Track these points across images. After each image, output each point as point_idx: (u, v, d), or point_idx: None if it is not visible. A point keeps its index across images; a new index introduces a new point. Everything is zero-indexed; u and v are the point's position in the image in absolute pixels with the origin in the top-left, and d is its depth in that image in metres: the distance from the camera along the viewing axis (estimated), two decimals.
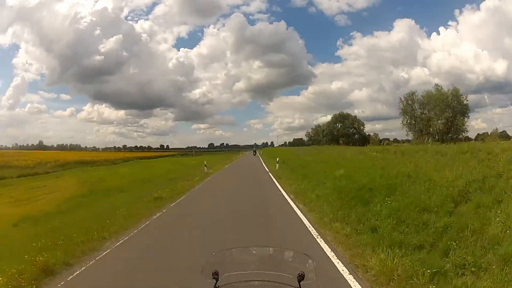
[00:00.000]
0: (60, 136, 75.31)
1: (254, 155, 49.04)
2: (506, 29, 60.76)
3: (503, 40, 64.34)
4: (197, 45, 77.44)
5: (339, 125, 57.04)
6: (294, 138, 72.61)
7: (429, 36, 68.58)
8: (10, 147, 53.00)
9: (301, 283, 1.50)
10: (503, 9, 54.63)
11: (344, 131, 56.35)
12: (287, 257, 1.83)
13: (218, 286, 1.52)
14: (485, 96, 59.75)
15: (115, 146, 65.67)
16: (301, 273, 1.51)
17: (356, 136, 55.84)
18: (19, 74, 59.03)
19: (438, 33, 66.97)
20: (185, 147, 73.87)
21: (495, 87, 62.40)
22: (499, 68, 54.37)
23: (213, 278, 1.52)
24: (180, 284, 3.90)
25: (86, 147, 64.46)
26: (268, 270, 1.65)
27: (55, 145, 58.57)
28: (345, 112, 57.94)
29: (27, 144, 55.62)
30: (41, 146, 55.31)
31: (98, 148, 63.68)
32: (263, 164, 27.72)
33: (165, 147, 73.03)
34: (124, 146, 66.14)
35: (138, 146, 69.48)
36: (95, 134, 71.71)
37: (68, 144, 60.16)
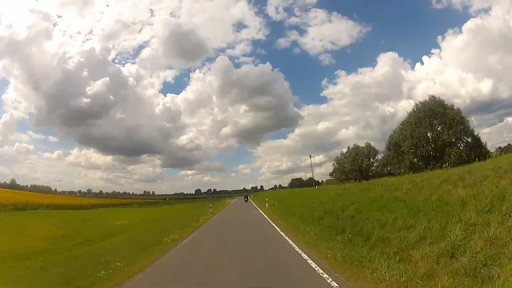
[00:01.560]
0: (49, 178, 74.78)
1: (246, 201, 41.55)
2: (490, 47, 62.32)
3: (487, 59, 66.53)
4: (183, 90, 75.92)
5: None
6: (292, 178, 70.86)
7: (413, 67, 68.87)
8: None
9: None
10: (486, 27, 56.37)
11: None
12: None
13: None
14: (472, 119, 61.21)
15: (102, 192, 65.00)
16: None
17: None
18: (8, 111, 59.98)
19: (422, 63, 67.04)
20: (172, 193, 71.90)
21: (482, 107, 63.19)
22: (485, 87, 54.30)
23: None
24: None
25: (71, 191, 63.77)
26: None
27: (28, 186, 57.72)
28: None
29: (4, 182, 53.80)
30: (13, 185, 53.58)
31: (86, 193, 61.18)
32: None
33: (150, 193, 71.09)
34: (113, 192, 65.33)
35: (125, 192, 67.22)
36: (83, 179, 70.28)
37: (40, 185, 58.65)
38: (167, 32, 63.77)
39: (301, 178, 66.57)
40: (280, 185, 70.80)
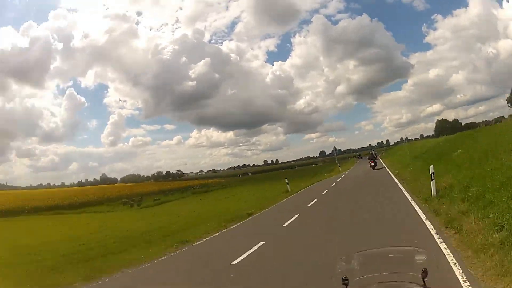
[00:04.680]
0: (172, 164, 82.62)
1: (374, 166, 25.04)
2: None
3: None
4: (289, 56, 75.80)
5: None
6: (437, 120, 57.59)
7: (500, 4, 57.97)
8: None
9: (425, 279, 1.57)
10: None
11: None
12: (409, 254, 1.89)
13: None
14: None
15: (232, 167, 66.67)
16: (425, 269, 1.59)
17: None
18: (115, 111, 58.18)
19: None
20: (298, 158, 73.82)
21: None
22: None
23: (343, 284, 1.65)
24: None
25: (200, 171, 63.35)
26: (393, 271, 1.77)
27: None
28: None
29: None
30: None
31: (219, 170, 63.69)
32: None
33: (274, 162, 73.02)
34: (240, 166, 66.25)
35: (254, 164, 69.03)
36: (208, 158, 75.83)
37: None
38: (253, 1, 64.26)
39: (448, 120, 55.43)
40: (421, 135, 66.48)
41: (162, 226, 14.69)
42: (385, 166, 26.71)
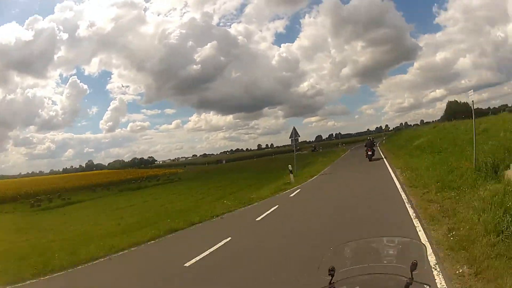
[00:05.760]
0: (169, 148, 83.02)
1: (371, 156, 19.24)
2: None
3: None
4: (297, 38, 74.13)
5: None
6: (449, 101, 54.03)
7: None
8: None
9: (413, 272, 1.52)
10: None
11: None
12: (399, 245, 1.88)
13: (333, 282, 1.58)
14: None
15: (225, 151, 63.49)
16: (414, 262, 1.54)
17: None
18: (116, 97, 60.05)
19: None
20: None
21: None
22: None
23: (329, 274, 1.59)
24: None
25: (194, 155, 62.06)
26: (382, 262, 1.71)
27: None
28: None
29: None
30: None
31: (211, 154, 61.76)
32: None
33: (269, 146, 72.04)
34: (233, 150, 63.29)
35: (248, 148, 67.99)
36: (205, 142, 76.46)
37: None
38: None
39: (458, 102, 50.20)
40: (422, 121, 65.26)
41: None
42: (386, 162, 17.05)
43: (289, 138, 19.45)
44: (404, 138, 29.75)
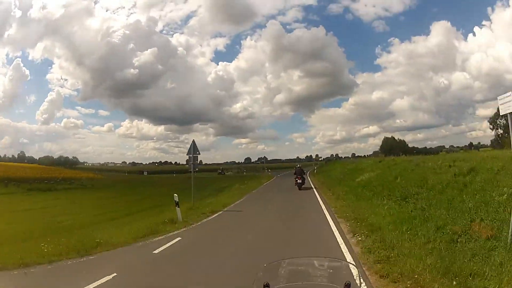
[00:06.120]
0: (100, 151, 77.75)
1: (301, 184, 19.15)
2: None
3: None
4: (236, 58, 75.47)
5: None
6: (385, 137, 56.92)
7: (465, 37, 66.10)
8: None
9: None
10: None
11: None
12: (333, 266, 1.92)
13: None
14: None
15: (154, 162, 63.79)
16: (348, 283, 1.59)
17: None
18: (54, 89, 57.95)
19: (474, 34, 64.66)
20: (223, 162, 73.77)
21: None
22: None
23: None
24: None
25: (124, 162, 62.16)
26: (316, 281, 1.74)
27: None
28: None
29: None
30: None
31: (140, 163, 62.30)
32: None
33: (199, 162, 71.23)
34: (162, 162, 63.88)
35: (176, 162, 68.49)
36: (135, 150, 73.60)
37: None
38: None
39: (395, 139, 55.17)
40: (353, 154, 68.52)
41: None
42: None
43: (187, 154, 14.69)
44: (340, 170, 26.80)
